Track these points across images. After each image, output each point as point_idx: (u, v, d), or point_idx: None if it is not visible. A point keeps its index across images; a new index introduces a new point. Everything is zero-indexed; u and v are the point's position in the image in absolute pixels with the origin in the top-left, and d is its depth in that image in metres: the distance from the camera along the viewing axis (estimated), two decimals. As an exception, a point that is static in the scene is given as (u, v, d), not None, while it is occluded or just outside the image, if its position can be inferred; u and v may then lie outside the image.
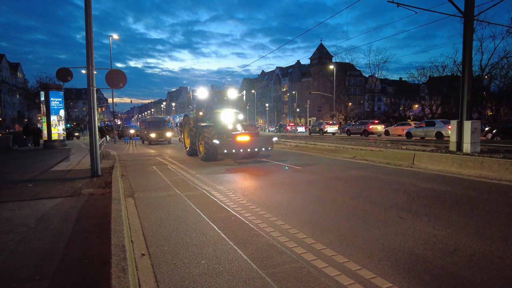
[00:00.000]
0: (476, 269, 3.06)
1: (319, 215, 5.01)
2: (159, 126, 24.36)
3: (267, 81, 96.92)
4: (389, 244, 3.74)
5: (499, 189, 6.45)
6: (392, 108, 61.25)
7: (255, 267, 3.21)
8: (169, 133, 24.10)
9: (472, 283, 2.82)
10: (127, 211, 5.36)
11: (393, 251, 3.54)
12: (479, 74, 39.27)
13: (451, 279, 2.89)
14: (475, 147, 11.75)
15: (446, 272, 3.03)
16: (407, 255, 3.43)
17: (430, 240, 3.81)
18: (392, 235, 4.01)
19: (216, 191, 6.81)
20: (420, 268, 3.12)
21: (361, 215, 4.91)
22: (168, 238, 4.11)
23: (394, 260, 3.30)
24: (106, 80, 9.31)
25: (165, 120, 27.35)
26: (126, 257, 2.88)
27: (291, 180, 7.94)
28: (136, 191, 7.08)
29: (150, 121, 25.74)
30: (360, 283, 2.87)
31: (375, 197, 5.99)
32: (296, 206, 5.53)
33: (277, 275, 3.03)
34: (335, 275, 3.01)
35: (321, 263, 3.28)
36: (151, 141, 23.27)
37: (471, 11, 12.12)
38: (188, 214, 5.18)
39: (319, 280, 2.94)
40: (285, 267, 3.21)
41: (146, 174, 9.49)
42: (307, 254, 3.51)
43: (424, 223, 4.43)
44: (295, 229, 4.30)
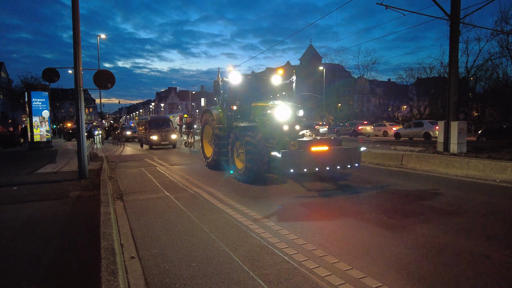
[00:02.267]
0: (463, 268, 3.12)
1: (307, 216, 5.03)
2: (162, 127, 20.03)
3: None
4: (378, 244, 3.79)
5: (484, 189, 6.59)
6: (381, 109, 62.01)
7: (246, 269, 3.20)
8: (174, 135, 19.84)
9: (459, 280, 2.88)
10: (116, 213, 5.30)
11: (382, 251, 3.58)
12: (465, 76, 40.02)
13: (439, 278, 2.94)
14: (462, 148, 11.99)
15: (434, 270, 3.08)
16: (395, 254, 3.47)
17: (419, 240, 3.87)
18: (380, 235, 4.06)
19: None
20: (409, 267, 3.17)
21: (350, 215, 4.96)
22: (158, 240, 4.08)
23: (383, 260, 3.34)
24: (94, 80, 9.17)
25: (170, 120, 22.15)
26: (116, 260, 2.84)
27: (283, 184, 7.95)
28: (124, 193, 7.00)
29: (151, 121, 20.61)
30: (351, 283, 2.89)
31: (364, 198, 6.05)
32: (285, 208, 5.56)
33: (268, 276, 3.03)
34: (326, 275, 3.03)
35: (312, 263, 3.29)
36: (152, 144, 19.07)
37: (456, 14, 12.37)
38: (178, 216, 5.15)
39: (310, 280, 2.95)
40: (276, 268, 3.21)
41: (133, 176, 9.39)
42: (298, 255, 3.52)
43: (412, 223, 4.49)
44: (286, 230, 4.31)
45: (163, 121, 21.04)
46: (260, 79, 10.52)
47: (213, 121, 9.73)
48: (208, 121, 10.32)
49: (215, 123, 9.62)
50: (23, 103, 47.82)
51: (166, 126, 20.40)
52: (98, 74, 9.31)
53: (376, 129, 31.60)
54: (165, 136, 19.11)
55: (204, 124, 10.86)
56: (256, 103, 8.90)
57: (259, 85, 10.19)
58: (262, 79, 10.37)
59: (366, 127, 32.04)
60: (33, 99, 18.22)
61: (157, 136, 18.86)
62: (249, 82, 10.00)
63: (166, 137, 19.14)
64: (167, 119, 21.91)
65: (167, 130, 19.74)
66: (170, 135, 19.38)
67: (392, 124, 33.30)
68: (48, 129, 19.00)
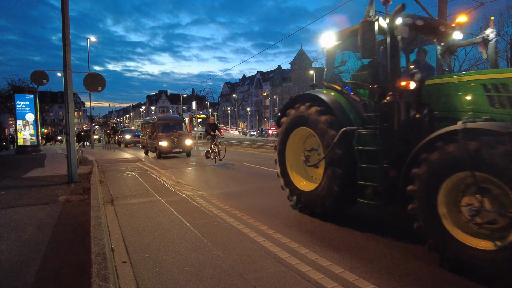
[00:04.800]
0: (454, 269, 3.17)
1: (301, 219, 5.04)
2: (173, 129, 15.91)
3: (248, 85, 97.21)
4: (371, 246, 3.81)
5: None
6: (370, 112, 62.66)
7: (239, 272, 3.19)
8: (189, 141, 15.69)
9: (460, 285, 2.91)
10: (106, 218, 5.23)
11: (375, 253, 3.61)
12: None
13: (434, 279, 2.97)
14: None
15: (429, 273, 3.12)
16: (388, 257, 3.50)
17: (411, 242, 3.91)
18: (373, 237, 4.09)
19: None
20: (402, 269, 3.20)
21: (342, 217, 4.98)
22: (149, 245, 4.04)
23: (376, 262, 3.36)
24: (84, 83, 9.09)
25: (183, 121, 17.66)
26: (107, 265, 2.81)
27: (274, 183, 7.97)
28: (115, 197, 6.92)
29: (160, 122, 16.04)
30: (343, 285, 2.90)
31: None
32: (278, 210, 5.56)
33: (261, 280, 3.03)
34: (319, 278, 3.04)
35: (304, 266, 3.30)
36: (161, 152, 15.09)
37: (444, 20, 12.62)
38: (169, 220, 5.11)
39: (302, 283, 2.95)
40: (269, 271, 3.21)
41: (124, 180, 9.29)
42: (290, 258, 3.52)
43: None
44: (279, 234, 4.31)
45: (175, 123, 16.69)
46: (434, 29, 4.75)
47: (325, 119, 4.77)
48: (309, 118, 5.08)
49: (326, 121, 4.74)
50: (10, 107, 47.05)
51: (179, 128, 16.25)
52: (88, 77, 9.23)
53: None
54: (177, 141, 15.14)
55: (293, 123, 5.49)
56: (447, 77, 4.08)
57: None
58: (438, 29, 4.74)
59: None
60: (17, 102, 17.89)
61: (168, 141, 14.94)
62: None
63: (179, 143, 15.17)
64: (180, 120, 17.46)
65: (181, 134, 15.69)
66: (184, 141, 15.37)
67: None
68: (32, 133, 18.55)
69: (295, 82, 77.75)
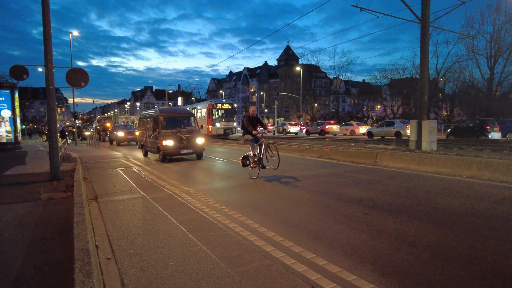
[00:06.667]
0: (433, 259, 3.27)
1: (287, 212, 5.10)
2: (180, 125, 13.08)
3: (235, 81, 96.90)
4: (354, 238, 3.90)
5: (452, 184, 6.90)
6: (355, 109, 63.57)
7: (224, 266, 3.22)
8: (201, 139, 12.81)
9: (428, 270, 3.01)
10: (90, 215, 5.17)
11: (358, 245, 3.69)
12: (435, 77, 41.73)
13: (411, 269, 3.07)
14: (432, 146, 12.51)
15: (407, 262, 3.21)
16: (371, 248, 3.59)
17: (392, 234, 4.01)
18: (357, 230, 4.18)
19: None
20: (383, 260, 3.28)
21: (328, 211, 5.07)
22: (134, 241, 4.02)
23: (359, 254, 3.44)
24: (67, 79, 8.89)
25: (192, 114, 14.42)
26: (91, 261, 2.79)
27: (263, 179, 8.01)
28: (99, 194, 6.83)
29: (163, 116, 13.07)
30: (327, 277, 2.97)
31: (341, 195, 6.19)
32: (265, 204, 5.61)
33: (246, 273, 3.06)
34: (303, 271, 3.09)
35: (289, 259, 3.35)
36: (166, 154, 12.23)
37: (426, 18, 12.88)
38: (155, 216, 5.09)
39: (287, 276, 3.00)
40: (254, 265, 3.24)
41: (109, 177, 9.17)
42: (275, 251, 3.57)
43: (386, 218, 4.65)
44: (264, 227, 4.36)
45: (183, 116, 13.75)
46: None
47: None
48: None
49: None
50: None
51: (187, 124, 13.42)
52: (71, 72, 9.03)
53: (344, 128, 34.34)
54: (186, 140, 12.36)
55: None
56: None
57: None
58: None
59: (333, 126, 34.22)
60: (-8, 98, 17.24)
61: (174, 140, 12.12)
62: None
63: (188, 143, 12.40)
64: (188, 114, 14.27)
65: (190, 131, 12.84)
66: (194, 139, 12.52)
67: (360, 123, 36.63)
68: (9, 130, 17.92)
69: (281, 79, 77.88)
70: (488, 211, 4.85)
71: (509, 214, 4.70)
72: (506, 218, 4.52)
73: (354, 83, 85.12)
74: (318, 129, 34.71)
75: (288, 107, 75.45)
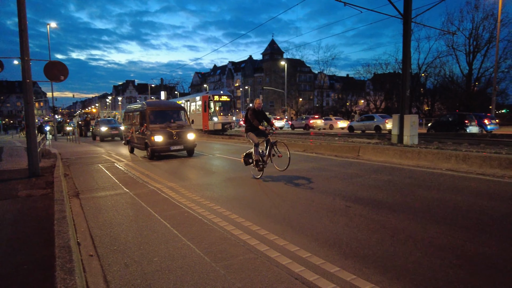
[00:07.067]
0: (412, 250, 3.37)
1: (272, 207, 5.14)
2: (170, 119, 12.37)
3: (219, 75, 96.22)
4: (337, 231, 3.97)
5: (432, 177, 7.10)
6: (339, 103, 64.16)
7: (208, 261, 3.22)
8: (192, 135, 12.08)
9: (408, 261, 3.10)
10: (72, 212, 5.07)
11: (340, 237, 3.76)
12: (417, 72, 42.54)
13: (391, 260, 3.15)
14: (414, 139, 12.79)
15: (387, 253, 3.30)
16: (353, 240, 3.66)
17: (373, 226, 4.10)
18: (339, 223, 4.25)
19: (168, 187, 6.65)
20: (365, 251, 3.36)
21: (312, 205, 5.13)
22: (117, 237, 3.97)
23: (341, 246, 3.51)
24: (45, 72, 8.61)
25: (182, 108, 13.60)
26: (73, 258, 2.74)
27: (245, 173, 8.02)
28: (81, 191, 6.70)
29: (151, 109, 12.24)
30: (310, 268, 3.01)
31: (324, 188, 6.27)
32: (249, 199, 5.63)
33: (231, 267, 3.08)
34: (287, 263, 3.13)
35: (273, 252, 3.39)
36: (155, 150, 11.41)
37: (409, 13, 13.09)
38: (138, 212, 5.03)
39: (271, 269, 3.03)
40: (238, 258, 3.26)
41: (91, 173, 8.99)
42: (260, 245, 3.60)
43: (368, 211, 4.75)
44: (249, 222, 4.38)
45: (172, 110, 13.04)
46: None
47: None
48: None
49: None
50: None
51: (177, 118, 12.73)
52: (49, 65, 8.76)
53: (324, 122, 35.28)
54: (177, 136, 11.63)
55: None
56: None
57: None
58: None
59: (317, 121, 34.96)
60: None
61: (163, 136, 11.36)
62: None
63: (179, 138, 11.69)
64: (178, 107, 13.51)
65: (180, 125, 12.16)
66: (185, 135, 11.86)
67: (338, 118, 38.12)
68: None
69: (266, 73, 77.85)
70: (466, 203, 5.01)
71: (484, 205, 4.88)
72: (481, 209, 4.69)
73: (338, 78, 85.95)
74: (302, 123, 35.28)
75: (273, 102, 75.56)
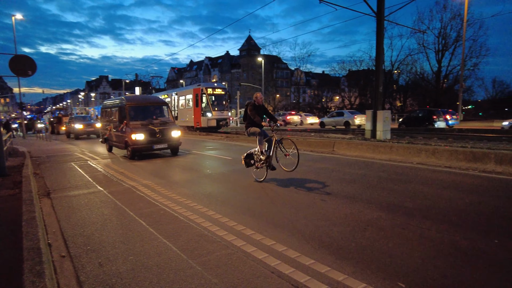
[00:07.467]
0: (384, 240, 3.50)
1: (248, 202, 5.17)
2: (152, 115, 11.46)
3: (196, 70, 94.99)
4: (312, 225, 4.05)
5: (403, 170, 7.37)
6: (315, 99, 65.07)
7: (185, 258, 3.21)
8: (177, 132, 11.19)
9: (380, 251, 3.22)
10: (42, 212, 4.89)
11: (316, 231, 3.84)
12: (390, 69, 43.77)
13: (363, 251, 3.26)
14: (386, 134, 13.18)
15: (359, 245, 3.41)
16: (327, 233, 3.75)
17: (347, 219, 4.22)
18: (315, 217, 4.34)
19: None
20: (339, 243, 3.45)
21: (288, 199, 5.21)
22: (91, 237, 3.88)
23: (316, 239, 3.59)
24: (10, 67, 8.23)
25: (165, 103, 12.65)
26: (42, 260, 2.65)
27: (223, 169, 8.01)
28: (52, 190, 6.47)
29: (132, 105, 11.26)
30: (286, 262, 3.07)
31: (300, 183, 6.37)
32: (224, 195, 5.64)
33: (208, 263, 3.08)
34: (263, 257, 3.17)
35: (250, 247, 3.42)
36: (137, 150, 10.51)
37: (382, 12, 13.41)
38: (113, 211, 4.93)
39: (248, 263, 3.07)
40: (215, 254, 3.27)
41: (63, 171, 8.69)
42: (236, 240, 3.62)
43: (342, 204, 4.87)
44: (226, 218, 4.39)
45: (154, 106, 12.06)
46: None
47: None
48: None
49: None
50: None
51: (160, 114, 11.84)
52: (15, 59, 8.37)
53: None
54: (160, 133, 10.75)
55: None
56: None
57: None
58: None
59: (294, 117, 35.87)
60: None
61: (145, 134, 10.48)
62: None
63: (162, 136, 10.81)
64: (160, 102, 12.49)
65: (164, 122, 11.29)
66: (169, 132, 10.96)
67: (308, 114, 39.85)
68: None
69: (244, 69, 77.65)
70: (435, 195, 5.24)
71: (451, 197, 5.13)
72: (449, 200, 4.93)
73: (314, 75, 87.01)
74: (280, 119, 35.86)
75: (251, 98, 75.53)
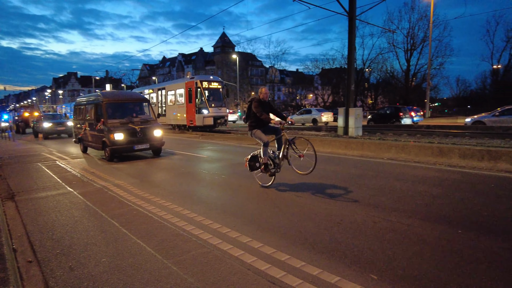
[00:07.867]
0: (355, 234, 3.60)
1: (224, 201, 5.17)
2: (132, 112, 10.60)
3: (169, 67, 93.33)
4: (287, 221, 4.11)
5: (375, 166, 7.61)
6: (290, 97, 65.73)
7: (160, 258, 3.17)
8: (159, 131, 10.29)
9: (351, 244, 3.32)
10: (5, 215, 4.66)
11: (290, 227, 3.90)
12: (361, 67, 44.94)
13: (336, 244, 3.35)
14: (358, 131, 13.54)
15: (333, 239, 3.49)
16: (302, 229, 3.82)
17: (321, 213, 4.31)
18: (289, 213, 4.40)
19: (116, 185, 6.37)
20: (313, 238, 3.52)
21: (263, 197, 5.25)
22: (60, 240, 3.73)
23: (291, 235, 3.65)
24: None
25: (146, 100, 11.61)
26: (6, 266, 2.53)
27: (195, 168, 7.94)
28: (17, 192, 6.16)
29: (109, 101, 10.32)
30: (262, 258, 3.10)
31: (275, 180, 6.42)
32: (198, 193, 5.60)
33: (183, 263, 3.06)
34: (239, 255, 3.19)
35: (226, 245, 3.42)
36: (116, 151, 9.66)
37: (353, 11, 13.73)
38: (84, 212, 4.77)
39: (224, 261, 3.07)
40: (191, 254, 3.25)
41: (28, 172, 8.30)
42: (212, 238, 3.61)
43: (315, 200, 4.97)
44: (201, 216, 4.36)
45: (133, 102, 11.09)
46: None
47: None
48: None
49: None
50: None
51: (140, 111, 10.92)
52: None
53: None
54: (141, 133, 9.84)
55: None
56: None
57: None
58: None
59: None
60: None
61: (125, 133, 9.63)
62: None
63: (144, 136, 9.91)
64: (140, 99, 11.54)
65: (145, 120, 10.40)
66: (151, 131, 10.10)
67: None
68: None
69: (218, 66, 77.11)
70: (404, 188, 5.46)
71: (419, 190, 5.35)
72: (417, 193, 5.15)
73: (288, 72, 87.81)
74: None
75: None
